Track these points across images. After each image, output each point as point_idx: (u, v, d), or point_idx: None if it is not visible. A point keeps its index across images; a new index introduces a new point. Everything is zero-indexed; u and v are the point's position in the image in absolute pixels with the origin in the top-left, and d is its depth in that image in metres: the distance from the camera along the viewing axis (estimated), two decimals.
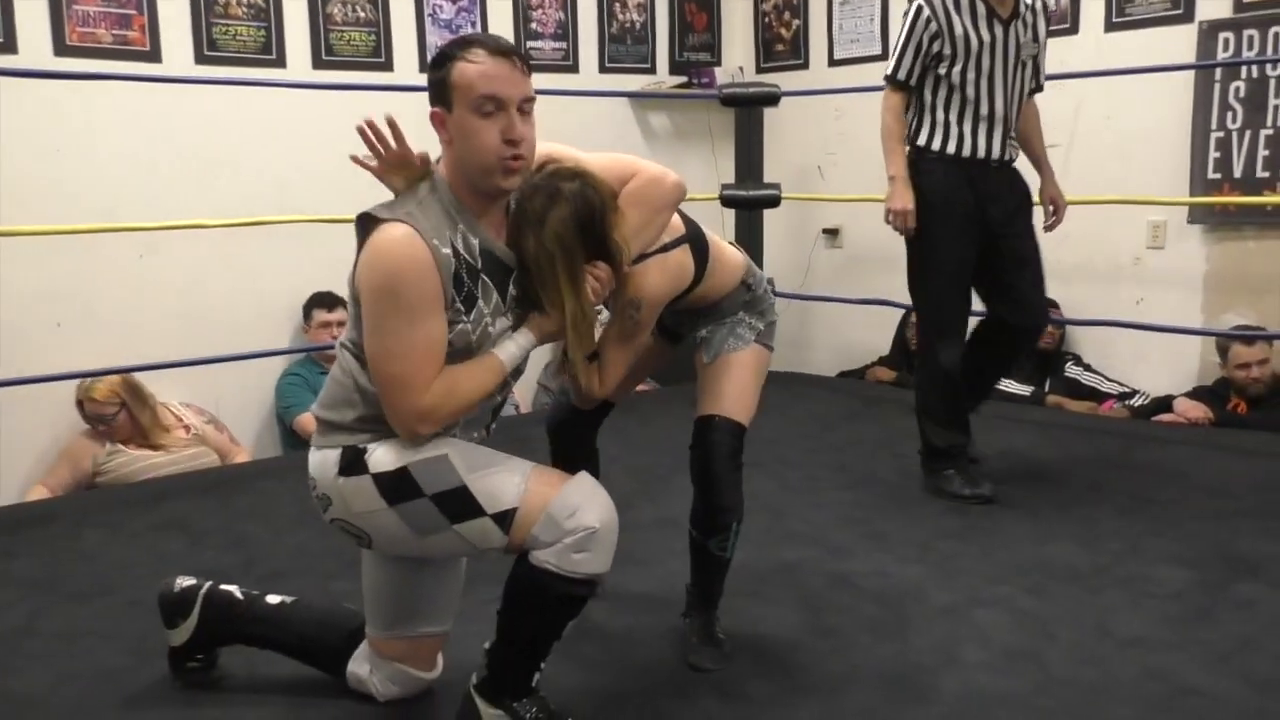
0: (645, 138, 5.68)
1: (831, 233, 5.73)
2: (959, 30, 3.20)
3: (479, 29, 5.04)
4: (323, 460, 1.95)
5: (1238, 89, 4.26)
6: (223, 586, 2.27)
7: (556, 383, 4.86)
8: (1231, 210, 4.33)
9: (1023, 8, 3.26)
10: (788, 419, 3.95)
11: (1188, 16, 4.39)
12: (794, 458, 3.69)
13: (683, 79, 5.75)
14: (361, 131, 1.92)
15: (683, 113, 5.72)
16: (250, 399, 4.55)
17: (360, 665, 2.17)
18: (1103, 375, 4.61)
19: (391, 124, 1.92)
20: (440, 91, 1.86)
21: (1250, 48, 4.19)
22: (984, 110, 3.25)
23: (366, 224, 1.87)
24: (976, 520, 3.13)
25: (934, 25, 3.21)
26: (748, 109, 4.99)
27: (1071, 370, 4.65)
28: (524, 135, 1.85)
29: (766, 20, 5.90)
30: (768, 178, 5.05)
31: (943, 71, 3.24)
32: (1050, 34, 3.41)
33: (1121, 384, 4.54)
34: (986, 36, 3.21)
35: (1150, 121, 4.50)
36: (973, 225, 3.28)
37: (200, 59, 4.35)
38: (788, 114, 5.38)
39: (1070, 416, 4.34)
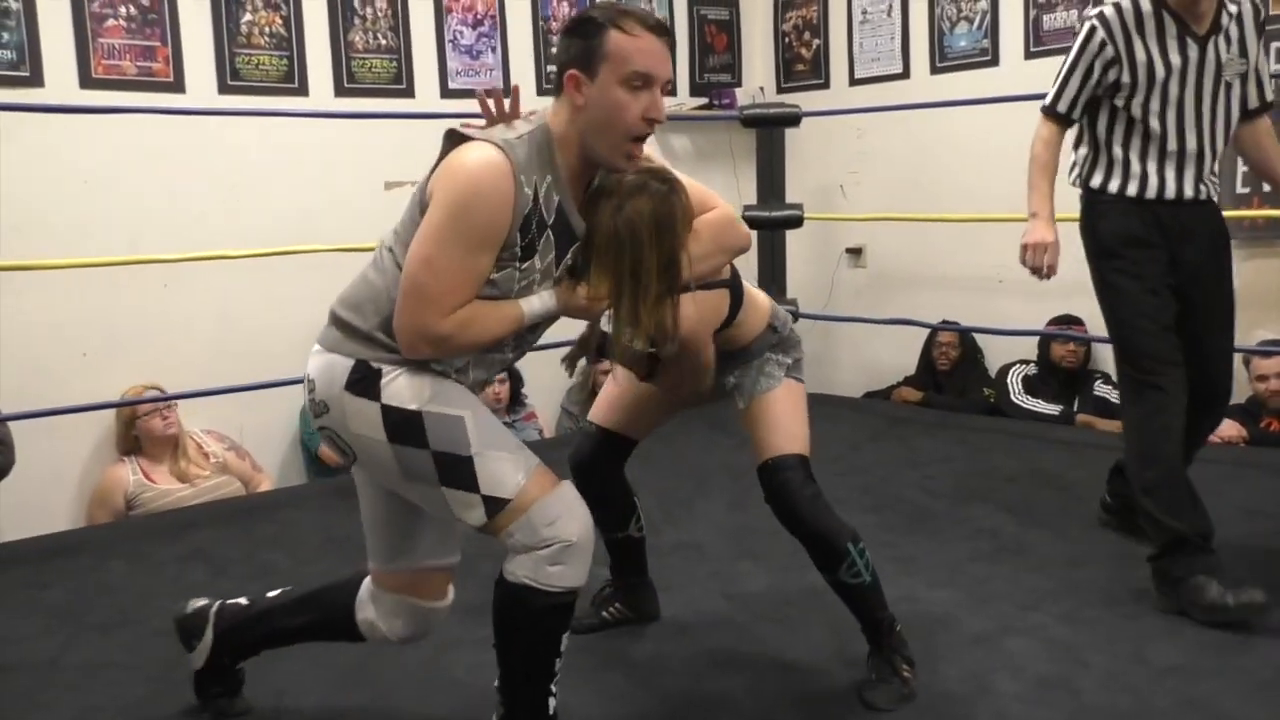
0: (667, 159, 5.61)
1: (855, 252, 5.70)
2: (1141, 55, 2.66)
3: (499, 55, 5.07)
4: (329, 366, 1.89)
5: None
6: (231, 600, 2.24)
7: (580, 407, 4.84)
8: (1261, 225, 4.27)
9: (1225, 19, 2.68)
10: (812, 441, 3.90)
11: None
12: (819, 480, 3.65)
13: (704, 100, 5.74)
14: (481, 99, 1.93)
15: (704, 134, 5.72)
16: (273, 425, 4.56)
17: (366, 609, 2.09)
18: None
19: (515, 91, 1.94)
20: (586, 57, 1.82)
21: (1278, 60, 4.15)
22: (1172, 146, 2.70)
23: (455, 138, 1.85)
24: (1006, 543, 3.09)
25: (1109, 50, 2.67)
26: (769, 129, 4.98)
27: (1101, 389, 4.60)
28: (663, 116, 1.84)
29: (786, 40, 5.89)
30: (790, 198, 5.03)
31: (1120, 103, 2.71)
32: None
33: None
34: (1177, 60, 2.66)
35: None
36: (1163, 268, 2.75)
37: (224, 88, 4.38)
38: (809, 133, 5.36)
39: (1101, 436, 4.28)
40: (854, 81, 5.61)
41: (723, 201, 2.09)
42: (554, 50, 5.28)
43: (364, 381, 1.86)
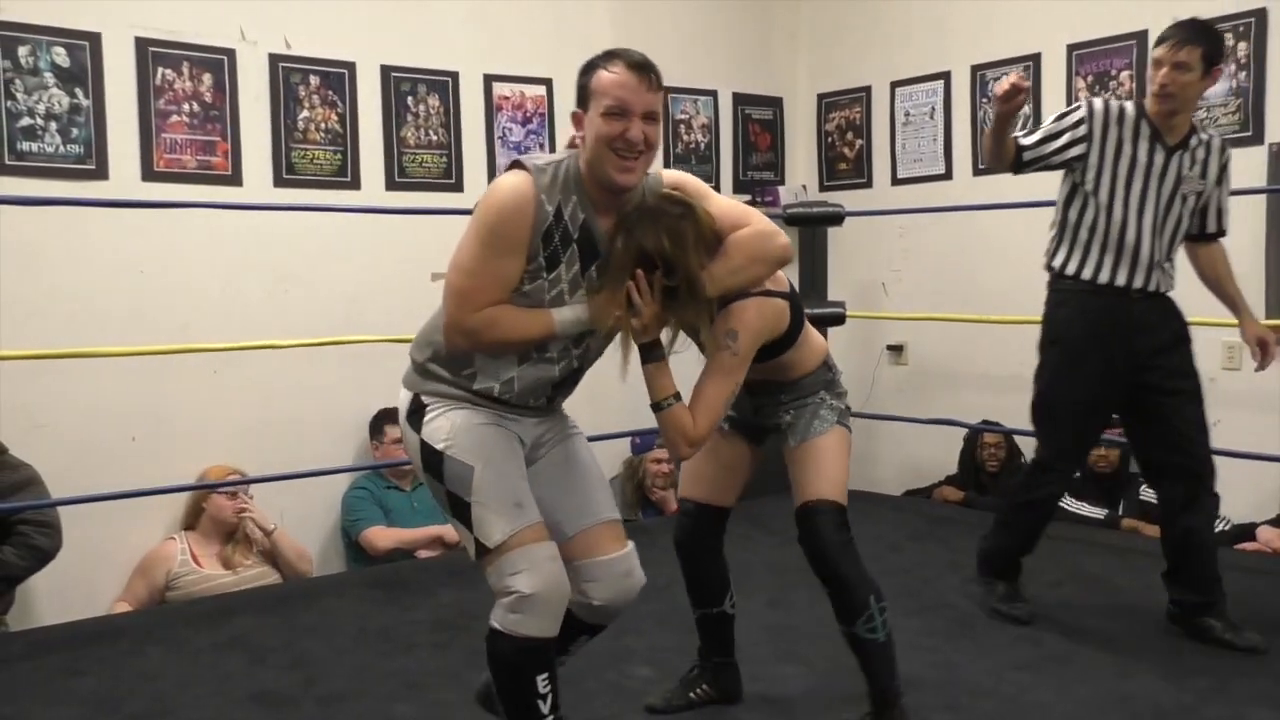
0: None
1: (896, 349, 5.70)
2: (1113, 144, 3.02)
3: (547, 150, 5.17)
4: (402, 399, 2.23)
5: None
6: None
7: (629, 510, 4.82)
8: None
9: (1195, 141, 3.06)
10: (857, 542, 3.87)
11: (1258, 138, 4.38)
12: None
13: (747, 197, 5.82)
14: None
15: None
16: (315, 512, 4.58)
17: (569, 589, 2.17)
18: None
19: None
20: (581, 95, 2.12)
21: None
22: (1129, 237, 3.02)
23: (513, 165, 2.13)
24: (1051, 650, 3.03)
25: (1083, 129, 3.04)
26: (812, 228, 5.03)
27: (1146, 493, 4.52)
28: (639, 139, 2.05)
29: (829, 140, 5.98)
30: (831, 295, 5.06)
31: (1089, 186, 3.05)
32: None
33: None
34: (1144, 159, 3.01)
35: (1223, 242, 4.44)
36: (1111, 364, 3.04)
37: (279, 182, 4.50)
38: (851, 231, 5.41)
39: (1148, 542, 4.20)
40: (896, 181, 5.67)
41: (761, 217, 2.26)
42: None
43: (415, 415, 2.18)
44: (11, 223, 3.86)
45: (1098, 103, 3.09)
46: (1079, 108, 3.09)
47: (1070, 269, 3.10)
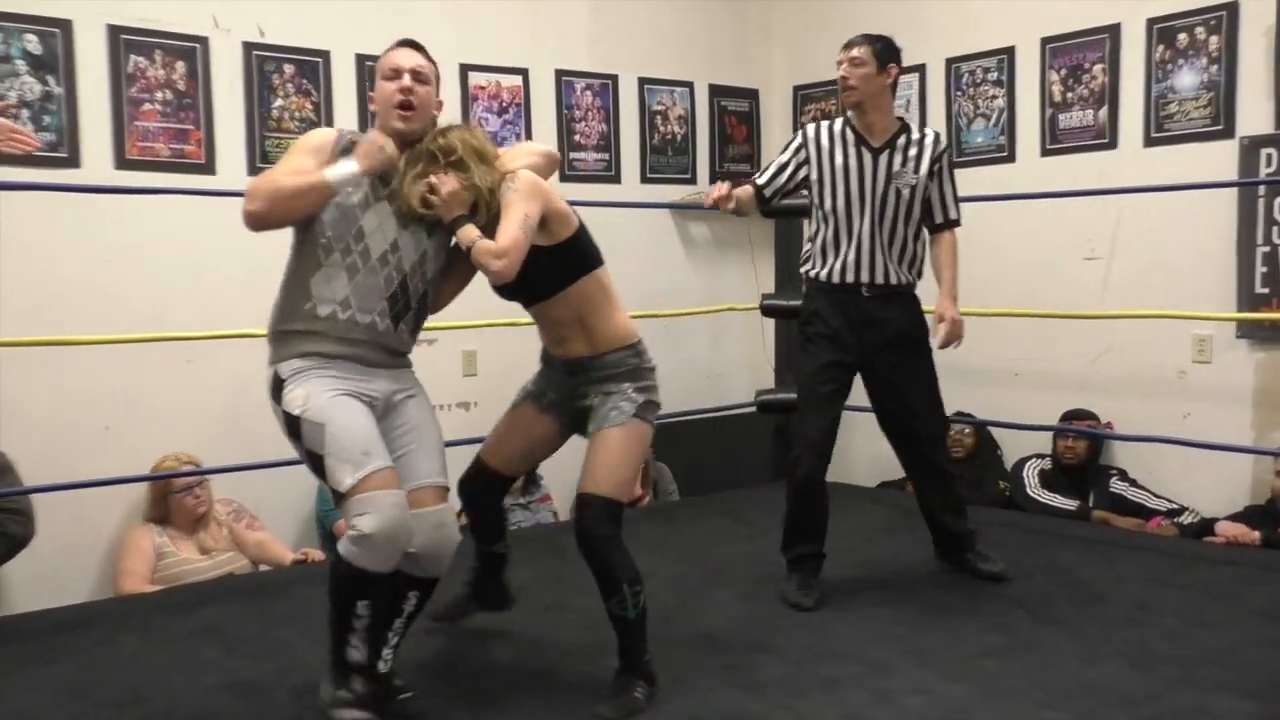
0: (685, 247, 5.75)
1: None
2: (826, 156, 3.39)
3: (524, 139, 5.18)
4: (266, 375, 2.58)
5: None
6: None
7: None
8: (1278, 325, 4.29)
9: (903, 140, 3.39)
10: (829, 534, 3.90)
11: (1228, 132, 4.42)
12: (833, 571, 3.64)
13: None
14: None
15: (722, 223, 5.79)
16: (289, 501, 4.57)
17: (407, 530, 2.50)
18: (1150, 491, 4.54)
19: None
20: (374, 76, 2.65)
21: None
22: (852, 235, 3.37)
23: None
24: (1020, 638, 3.06)
25: (803, 154, 3.44)
26: (787, 219, 5.05)
27: (1117, 485, 4.58)
28: (410, 91, 2.57)
29: None
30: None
31: (816, 199, 3.42)
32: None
33: (1169, 500, 4.46)
34: (854, 163, 3.36)
35: (1193, 235, 4.50)
36: (843, 351, 3.42)
37: (253, 170, 4.47)
38: None
39: (1117, 533, 4.26)
40: None
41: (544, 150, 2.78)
42: (576, 138, 5.45)
43: (275, 390, 2.54)
44: None
45: (810, 127, 3.47)
46: (798, 136, 3.49)
47: (814, 273, 3.47)
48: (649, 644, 2.67)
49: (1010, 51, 5.10)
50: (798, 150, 3.46)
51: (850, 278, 3.39)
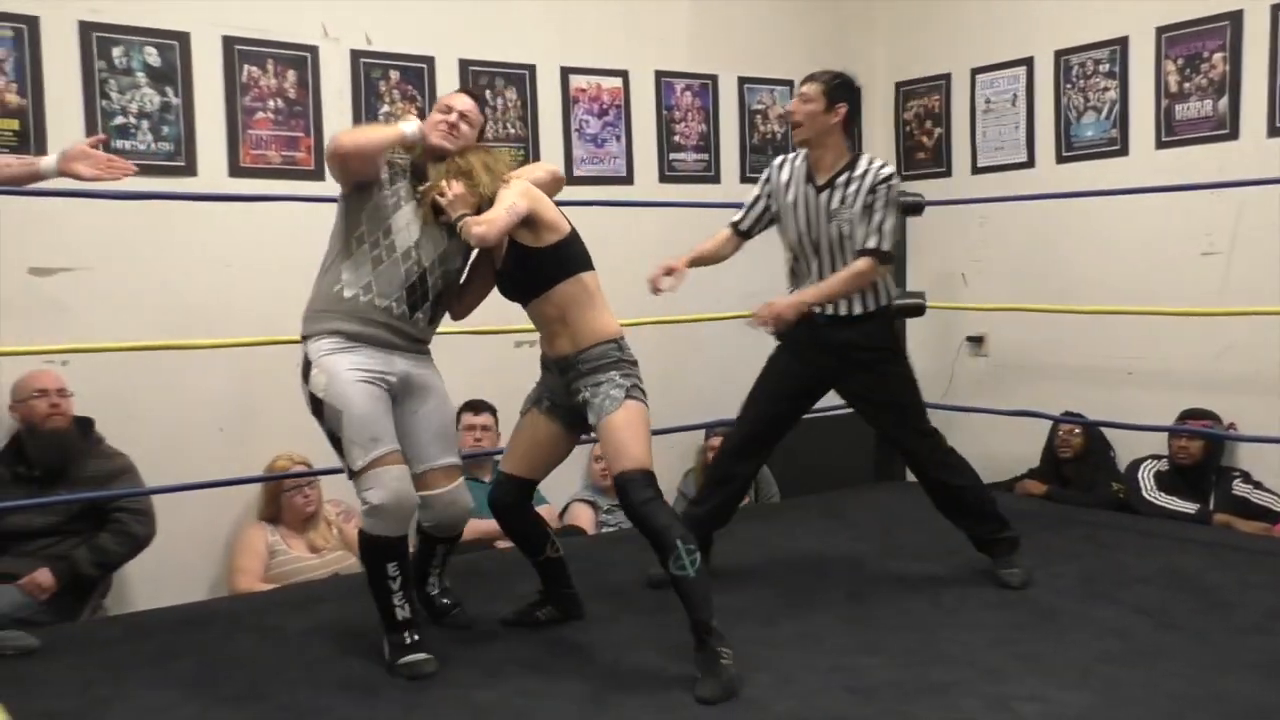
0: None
1: (976, 340, 5.62)
2: (782, 190, 3.48)
3: (623, 143, 5.20)
4: (299, 359, 2.94)
5: None
6: None
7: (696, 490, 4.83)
8: None
9: (844, 177, 3.39)
10: (935, 534, 3.83)
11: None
12: (943, 574, 3.58)
13: None
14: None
15: None
16: None
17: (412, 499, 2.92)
18: (1276, 494, 4.37)
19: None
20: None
21: None
22: (802, 266, 3.48)
23: None
24: (1138, 645, 2.96)
25: (769, 186, 3.54)
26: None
27: (1240, 488, 4.42)
28: (455, 126, 2.97)
29: (908, 129, 5.91)
30: (910, 286, 5.00)
31: (780, 228, 3.52)
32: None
33: None
34: (801, 200, 3.44)
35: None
36: (790, 376, 3.53)
37: None
38: (931, 221, 5.32)
39: (1241, 537, 4.11)
40: (976, 170, 5.59)
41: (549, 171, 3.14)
42: (676, 139, 5.44)
43: (305, 372, 2.91)
44: (108, 219, 3.97)
45: (776, 161, 3.57)
46: (766, 171, 3.58)
47: None
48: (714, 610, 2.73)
49: (1123, 42, 4.96)
50: (764, 184, 3.56)
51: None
